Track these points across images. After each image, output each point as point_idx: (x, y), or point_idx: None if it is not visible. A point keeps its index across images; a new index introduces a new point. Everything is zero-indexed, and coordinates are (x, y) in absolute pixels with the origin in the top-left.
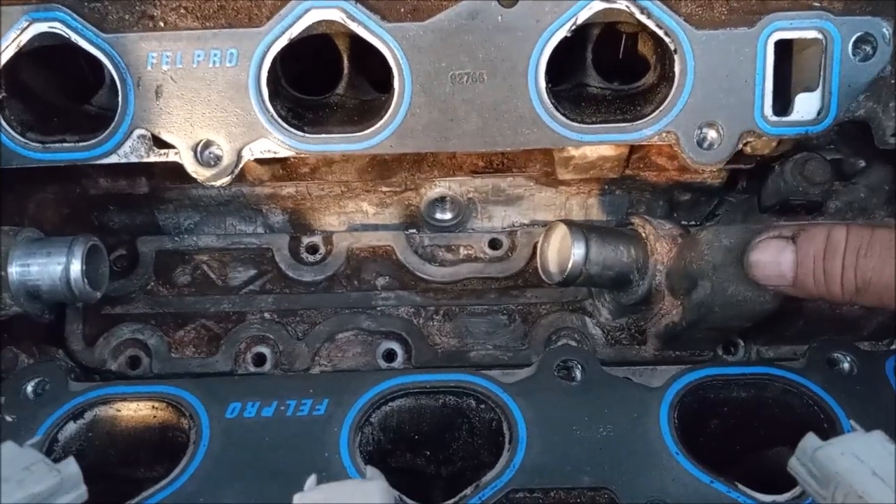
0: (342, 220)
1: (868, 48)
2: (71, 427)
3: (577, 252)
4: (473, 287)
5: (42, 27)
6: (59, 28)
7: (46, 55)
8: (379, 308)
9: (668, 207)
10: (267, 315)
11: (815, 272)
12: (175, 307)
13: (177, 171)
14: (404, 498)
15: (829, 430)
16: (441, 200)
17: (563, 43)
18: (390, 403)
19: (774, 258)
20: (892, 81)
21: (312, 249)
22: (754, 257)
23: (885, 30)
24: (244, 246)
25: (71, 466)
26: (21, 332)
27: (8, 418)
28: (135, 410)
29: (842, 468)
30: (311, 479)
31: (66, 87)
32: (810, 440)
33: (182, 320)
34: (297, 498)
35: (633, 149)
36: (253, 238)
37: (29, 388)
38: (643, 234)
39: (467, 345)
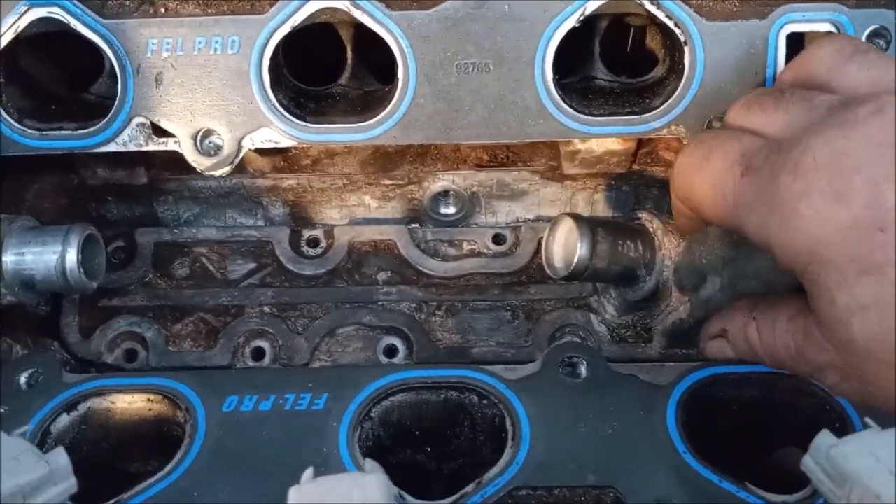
0: (344, 214)
1: (881, 42)
2: (64, 419)
3: (584, 246)
4: (476, 283)
5: (41, 12)
6: (58, 13)
7: (44, 42)
8: (380, 303)
9: None
10: (266, 309)
11: (747, 355)
12: (173, 300)
13: (176, 161)
14: (404, 494)
15: (840, 429)
16: (444, 194)
17: (571, 36)
18: (391, 398)
19: (719, 352)
20: None
21: (313, 243)
22: (701, 347)
23: None
24: (244, 239)
25: (60, 457)
26: (16, 323)
27: (0, 409)
28: (129, 403)
29: (858, 467)
30: (308, 471)
31: (65, 76)
32: (824, 438)
33: (180, 313)
34: (293, 491)
35: (641, 143)
36: (253, 231)
37: (22, 379)
38: (651, 229)
39: (470, 341)
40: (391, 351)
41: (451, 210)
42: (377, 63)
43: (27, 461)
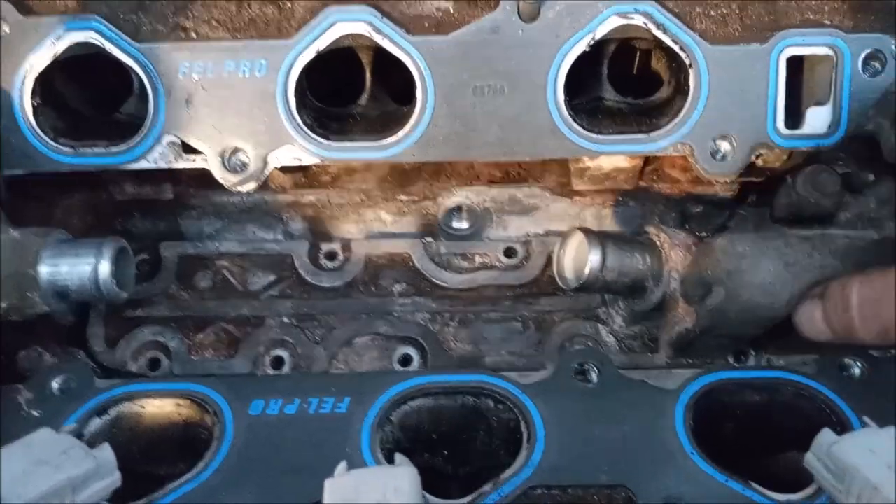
0: (361, 229)
1: (877, 64)
2: (96, 422)
3: (594, 258)
4: (489, 294)
5: (78, 37)
6: (94, 38)
7: (77, 65)
8: (396, 314)
9: (681, 219)
10: (286, 319)
11: (840, 325)
12: (196, 311)
13: (202, 177)
14: (424, 493)
15: (841, 430)
16: (458, 210)
17: (581, 59)
18: (410, 403)
19: (809, 317)
20: None
21: (331, 256)
22: (795, 319)
23: (893, 46)
24: (265, 252)
25: (106, 452)
26: (45, 332)
27: (34, 413)
28: (159, 407)
29: (857, 462)
30: (342, 465)
31: (96, 97)
32: (826, 435)
33: (202, 323)
34: (328, 483)
35: (648, 161)
36: (273, 244)
37: (55, 385)
38: (658, 243)
39: (482, 350)
40: (406, 360)
41: (465, 224)
42: (395, 85)
43: (75, 456)
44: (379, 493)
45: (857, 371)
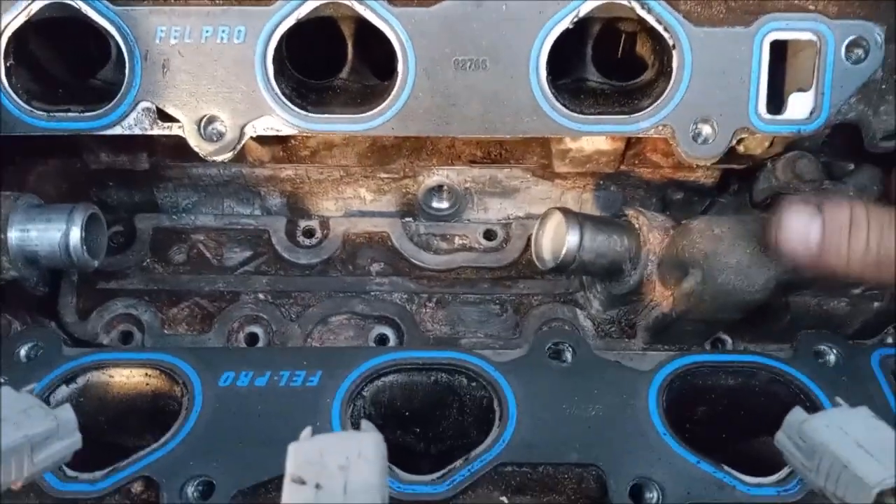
0: (339, 206)
1: (860, 52)
2: (63, 391)
3: (572, 239)
4: (467, 276)
5: None
6: None
7: (53, 29)
8: (373, 293)
9: (661, 206)
10: (261, 296)
11: (839, 245)
12: (170, 284)
13: (178, 148)
14: (394, 468)
15: (812, 412)
16: (438, 189)
17: (564, 39)
18: (383, 378)
19: (805, 226)
20: (883, 86)
21: (309, 233)
22: (785, 221)
23: (877, 35)
24: (241, 227)
25: (67, 413)
26: (15, 300)
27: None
28: (127, 377)
29: (827, 439)
30: (307, 430)
31: (71, 62)
32: (797, 413)
33: (176, 298)
34: (292, 447)
35: (629, 144)
36: (250, 219)
37: (22, 352)
38: (636, 225)
39: (459, 332)
40: (382, 340)
41: (445, 205)
42: (376, 60)
43: (35, 415)
44: (343, 458)
45: (832, 357)
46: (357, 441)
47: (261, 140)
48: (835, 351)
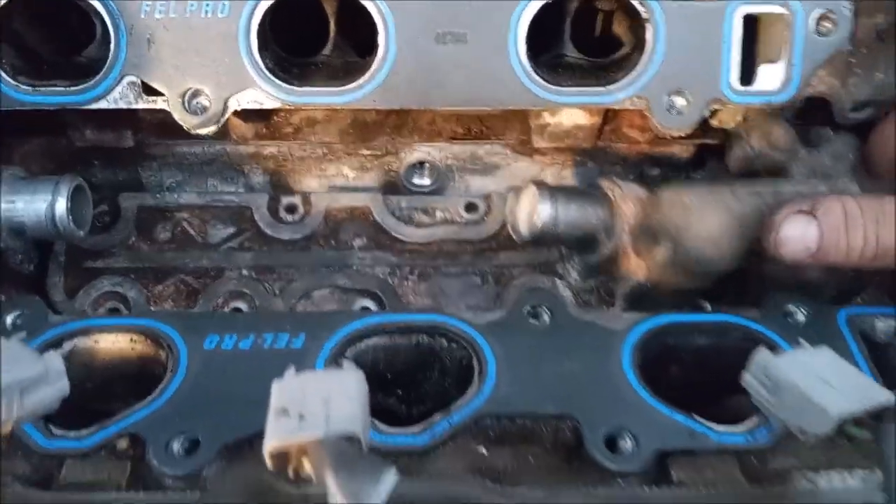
0: (322, 183)
1: (829, 24)
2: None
3: (545, 210)
4: (449, 249)
5: None
6: None
7: (39, 5)
8: (355, 267)
9: (639, 181)
10: (245, 272)
11: (838, 243)
12: (155, 262)
13: (163, 126)
14: (377, 422)
15: None
16: (420, 165)
17: (543, 16)
18: (365, 341)
19: (802, 233)
20: (851, 59)
21: (291, 209)
22: (783, 233)
23: (844, 9)
24: (224, 204)
25: (55, 359)
26: (2, 277)
27: None
28: (113, 342)
29: (791, 375)
30: (290, 368)
31: (57, 40)
32: (762, 353)
33: (161, 275)
34: (275, 384)
35: (606, 119)
36: (233, 196)
37: (8, 320)
38: (610, 196)
39: (440, 304)
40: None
41: (426, 181)
42: (359, 39)
43: (25, 360)
44: (325, 393)
45: (800, 317)
46: (338, 377)
47: (244, 116)
48: (802, 310)
